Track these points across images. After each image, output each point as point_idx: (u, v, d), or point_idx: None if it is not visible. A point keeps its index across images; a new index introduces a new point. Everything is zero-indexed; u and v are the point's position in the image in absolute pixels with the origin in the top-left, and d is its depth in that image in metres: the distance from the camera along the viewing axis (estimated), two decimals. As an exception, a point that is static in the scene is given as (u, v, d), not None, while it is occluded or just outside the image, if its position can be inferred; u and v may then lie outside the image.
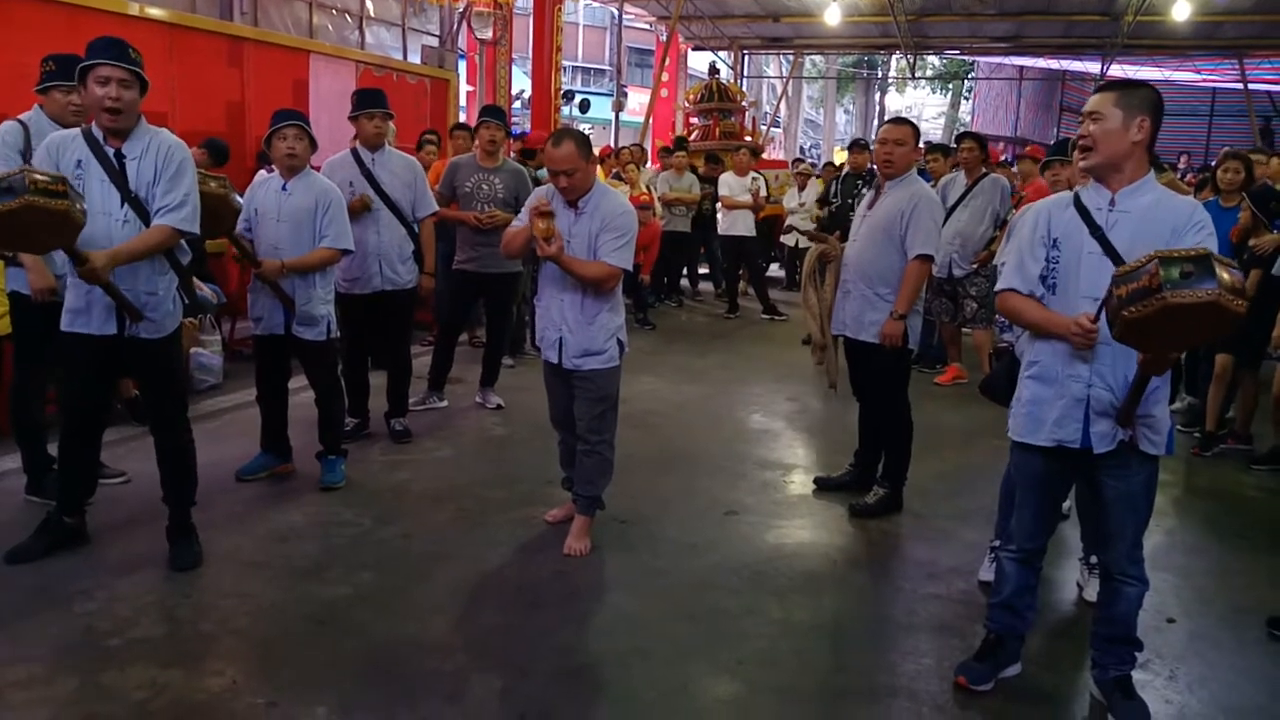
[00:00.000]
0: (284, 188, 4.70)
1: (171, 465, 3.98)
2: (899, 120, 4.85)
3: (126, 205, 3.62)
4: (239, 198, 4.43)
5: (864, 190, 8.82)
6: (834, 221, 8.90)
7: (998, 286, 3.13)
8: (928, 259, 4.50)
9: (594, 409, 4.15)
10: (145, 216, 3.65)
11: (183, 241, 3.82)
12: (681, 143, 12.26)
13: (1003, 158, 14.88)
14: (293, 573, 3.85)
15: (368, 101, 5.45)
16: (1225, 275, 2.43)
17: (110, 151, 3.63)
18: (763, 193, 10.95)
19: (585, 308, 4.05)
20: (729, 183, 10.81)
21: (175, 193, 3.65)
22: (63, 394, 4.01)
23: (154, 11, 7.74)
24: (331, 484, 4.80)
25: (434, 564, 4.01)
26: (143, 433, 5.18)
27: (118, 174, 3.62)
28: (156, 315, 3.74)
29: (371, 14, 13.74)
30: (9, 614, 3.40)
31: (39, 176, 3.20)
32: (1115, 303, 2.53)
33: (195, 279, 6.67)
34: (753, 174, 10.96)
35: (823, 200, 9.87)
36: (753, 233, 10.85)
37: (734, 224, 10.72)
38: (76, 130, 3.71)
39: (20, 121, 4.14)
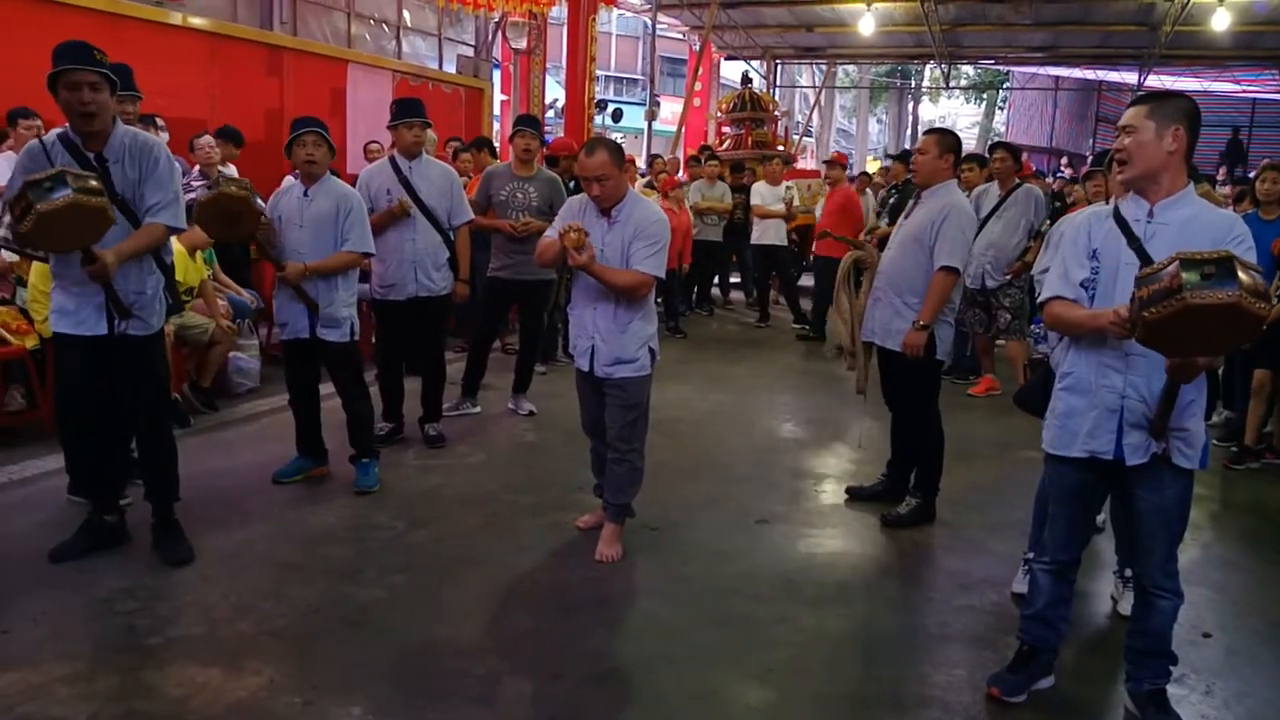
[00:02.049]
0: (305, 194, 4.76)
1: (154, 461, 4.04)
2: (928, 130, 4.88)
3: (114, 209, 3.64)
4: (262, 201, 4.49)
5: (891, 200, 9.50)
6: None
7: (1042, 296, 3.11)
8: (953, 271, 4.48)
9: (624, 417, 4.16)
10: (131, 217, 3.71)
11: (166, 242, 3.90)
12: (707, 151, 12.27)
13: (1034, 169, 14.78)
14: (328, 574, 3.90)
15: (406, 111, 5.52)
16: (1246, 278, 2.41)
17: (91, 157, 3.68)
18: (795, 202, 10.95)
19: (618, 316, 4.06)
20: (762, 192, 10.83)
21: (163, 191, 3.73)
22: (57, 393, 4.07)
23: (196, 21, 7.89)
24: (365, 488, 4.84)
25: (466, 568, 4.04)
26: (181, 435, 5.27)
27: (101, 179, 3.63)
28: (145, 314, 3.81)
29: (408, 24, 13.91)
30: (53, 611, 3.47)
31: (86, 178, 3.31)
32: (1137, 304, 2.52)
33: (235, 284, 6.79)
34: (785, 183, 10.96)
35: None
36: (784, 242, 10.85)
37: (765, 233, 10.73)
38: (54, 135, 3.75)
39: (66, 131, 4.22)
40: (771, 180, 10.90)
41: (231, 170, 7.24)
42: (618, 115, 20.17)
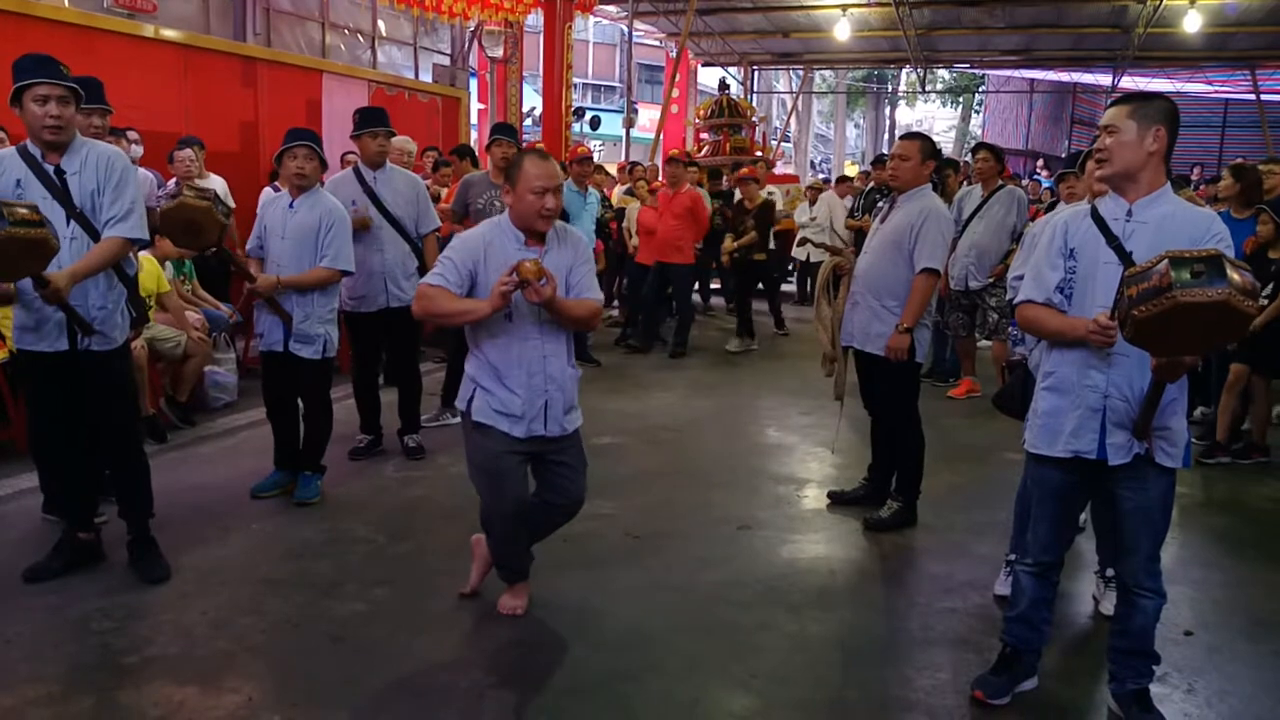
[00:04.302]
0: (291, 205, 4.74)
1: (125, 478, 3.99)
2: (908, 135, 4.87)
3: (73, 222, 3.62)
4: (224, 211, 4.43)
5: (881, 204, 9.20)
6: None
7: (1016, 299, 3.12)
8: (934, 273, 4.50)
9: (584, 471, 3.68)
10: (91, 231, 3.66)
11: (129, 254, 3.87)
12: (687, 159, 12.25)
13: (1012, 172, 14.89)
14: (308, 589, 3.86)
15: (370, 120, 5.48)
16: (1236, 276, 2.42)
17: (50, 169, 3.62)
18: (779, 206, 10.92)
19: (569, 355, 3.56)
20: None
21: (121, 202, 3.68)
22: (29, 411, 4.01)
23: (168, 33, 7.84)
24: (304, 499, 4.79)
25: (448, 580, 4.00)
26: (157, 450, 5.23)
27: (60, 191, 3.61)
28: (106, 328, 3.76)
29: (383, 33, 13.85)
30: (27, 632, 3.42)
31: (17, 208, 3.24)
32: (1126, 303, 2.53)
33: (211, 298, 6.75)
34: (769, 188, 10.96)
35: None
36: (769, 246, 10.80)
37: None
38: (12, 149, 3.71)
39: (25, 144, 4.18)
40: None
41: (218, 181, 7.15)
42: (595, 123, 20.18)
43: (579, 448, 3.64)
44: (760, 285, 10.33)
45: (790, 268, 13.85)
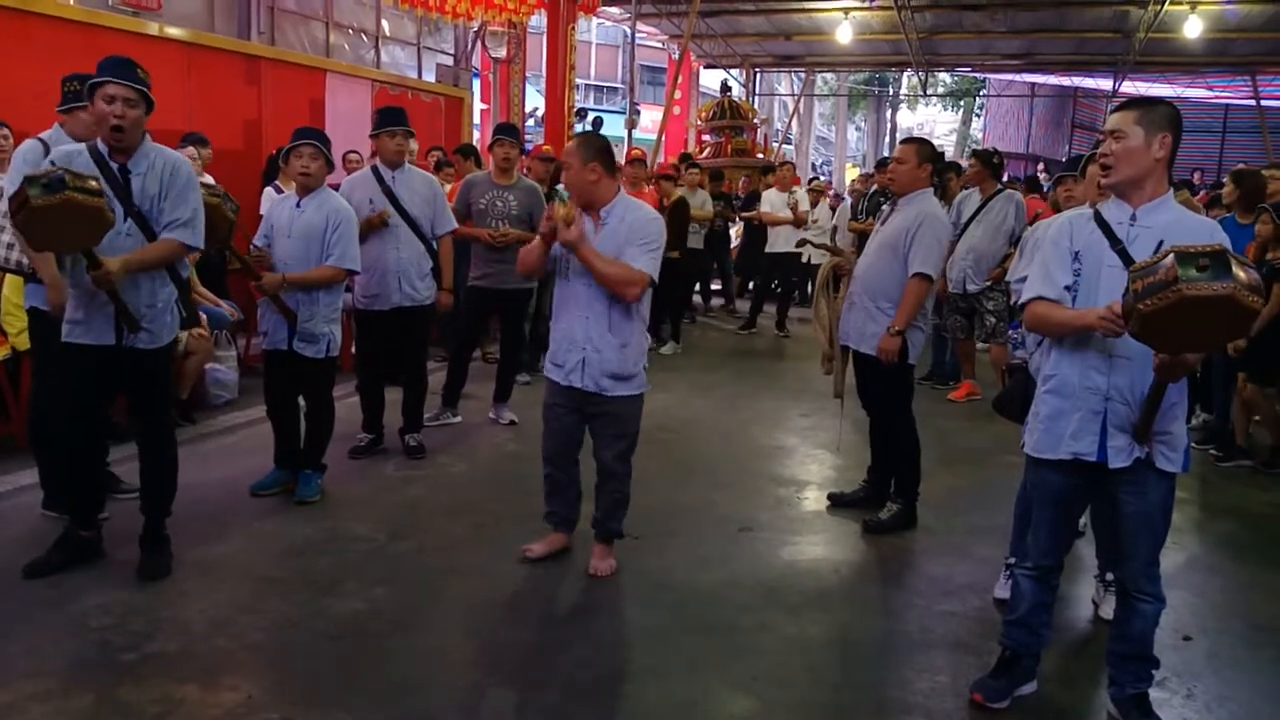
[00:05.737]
0: (298, 205, 4.75)
1: (155, 474, 4.01)
2: (907, 140, 4.90)
3: (129, 219, 3.68)
4: (233, 207, 4.45)
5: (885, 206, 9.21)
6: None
7: (1022, 298, 3.10)
8: (927, 278, 4.51)
9: (619, 445, 4.01)
10: (147, 230, 3.72)
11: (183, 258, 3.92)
12: (687, 160, 12.25)
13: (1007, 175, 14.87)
14: (308, 587, 3.86)
15: (389, 120, 5.50)
16: (1241, 273, 2.43)
17: (115, 167, 3.70)
18: (802, 206, 10.90)
19: (614, 324, 3.83)
20: (771, 199, 10.82)
21: (184, 208, 3.75)
22: (58, 404, 4.00)
23: (172, 31, 7.83)
24: (305, 498, 4.79)
25: (448, 579, 4.01)
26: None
27: (121, 188, 3.68)
28: (154, 326, 3.79)
29: (387, 33, 13.85)
30: (26, 628, 3.42)
31: (86, 178, 3.35)
32: (1131, 297, 2.53)
33: (212, 296, 6.74)
34: (792, 188, 10.95)
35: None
36: (794, 249, 10.78)
37: (777, 240, 10.67)
38: (83, 145, 3.77)
39: (41, 140, 4.19)
40: (781, 186, 10.89)
41: (207, 178, 7.15)
42: (598, 123, 20.09)
43: (615, 421, 3.97)
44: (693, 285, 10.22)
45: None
